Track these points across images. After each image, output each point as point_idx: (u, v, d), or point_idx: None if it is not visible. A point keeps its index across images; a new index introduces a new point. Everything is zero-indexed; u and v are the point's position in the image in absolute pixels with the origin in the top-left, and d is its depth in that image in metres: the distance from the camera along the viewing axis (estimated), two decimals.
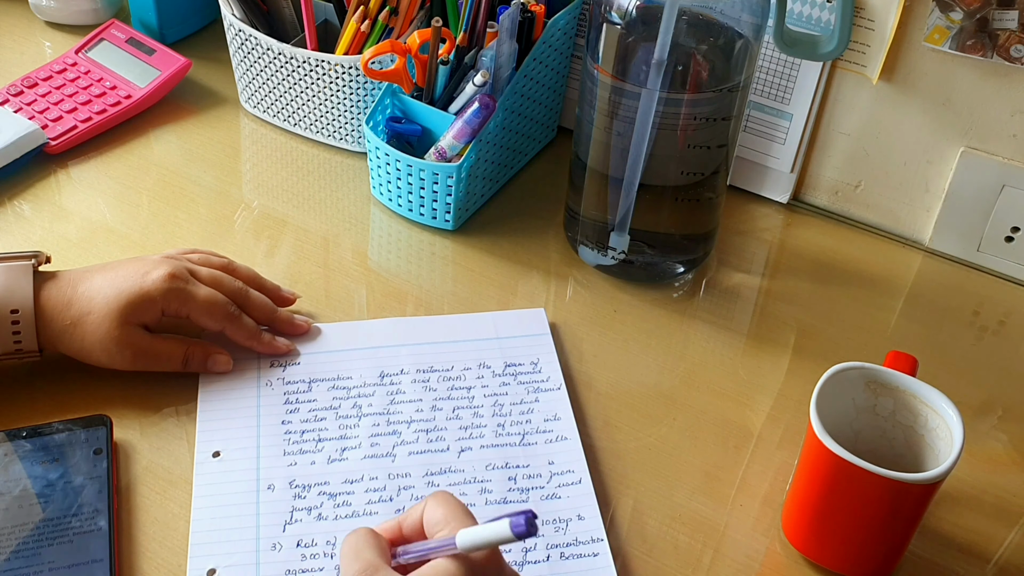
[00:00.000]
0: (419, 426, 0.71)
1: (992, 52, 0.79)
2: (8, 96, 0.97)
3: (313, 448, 0.69)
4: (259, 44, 0.93)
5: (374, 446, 0.69)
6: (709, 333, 0.81)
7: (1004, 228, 0.86)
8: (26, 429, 0.67)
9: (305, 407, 0.72)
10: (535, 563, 0.63)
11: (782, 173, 0.93)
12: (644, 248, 0.83)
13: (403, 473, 0.68)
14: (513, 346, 0.77)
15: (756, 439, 0.73)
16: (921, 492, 0.59)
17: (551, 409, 0.73)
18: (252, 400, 0.72)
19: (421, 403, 0.72)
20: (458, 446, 0.70)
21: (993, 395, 0.78)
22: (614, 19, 0.74)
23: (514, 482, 0.68)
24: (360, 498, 0.66)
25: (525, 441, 0.70)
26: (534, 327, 0.79)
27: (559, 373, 0.75)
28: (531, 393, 0.74)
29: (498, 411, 0.72)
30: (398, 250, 0.87)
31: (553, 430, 0.71)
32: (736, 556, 0.65)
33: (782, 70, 0.88)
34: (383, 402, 0.72)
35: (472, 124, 0.83)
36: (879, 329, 0.83)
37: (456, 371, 0.75)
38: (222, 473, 0.67)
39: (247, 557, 0.62)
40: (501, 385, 0.74)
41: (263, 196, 0.92)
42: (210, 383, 0.73)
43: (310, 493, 0.66)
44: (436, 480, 0.67)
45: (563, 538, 0.64)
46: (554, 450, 0.70)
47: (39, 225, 0.86)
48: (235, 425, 0.70)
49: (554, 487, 0.67)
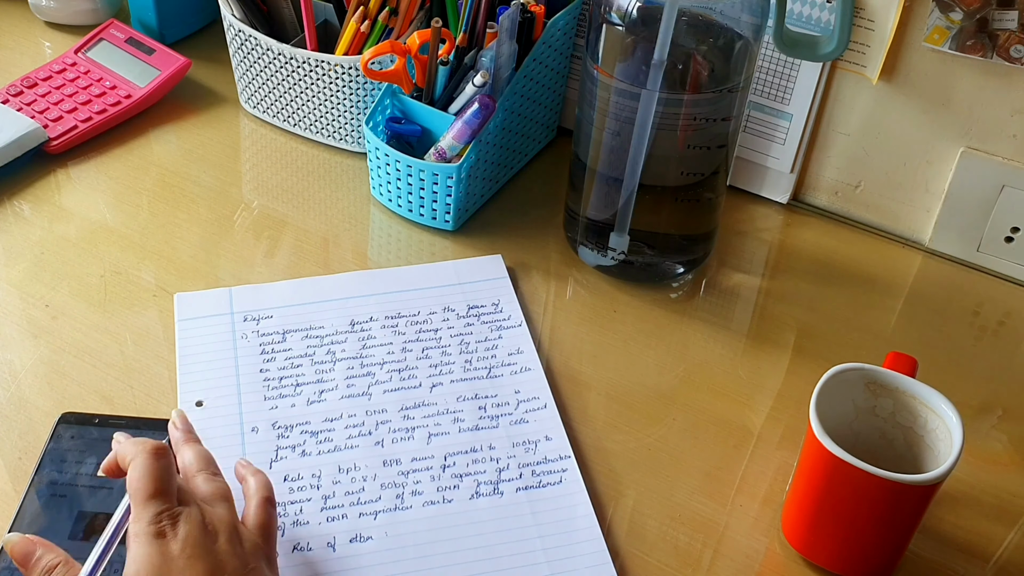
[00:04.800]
0: (391, 367, 0.75)
1: (992, 52, 0.79)
2: (8, 96, 0.97)
3: (292, 392, 0.73)
4: (259, 44, 0.93)
5: (350, 387, 0.74)
6: (709, 333, 0.81)
7: (1004, 228, 0.86)
8: (99, 416, 0.68)
9: (281, 356, 0.75)
10: (509, 480, 0.68)
11: (782, 173, 0.93)
12: (644, 248, 0.83)
13: (380, 409, 0.72)
14: (474, 290, 0.82)
15: (756, 439, 0.73)
16: (921, 493, 0.59)
17: (514, 344, 0.78)
18: (229, 352, 0.75)
19: (392, 346, 0.77)
20: (429, 382, 0.74)
21: (993, 395, 0.78)
22: (614, 19, 0.74)
23: (484, 411, 0.73)
24: (341, 434, 0.70)
25: (492, 374, 0.75)
26: (493, 271, 0.84)
27: (519, 312, 0.80)
28: (494, 331, 0.78)
29: (464, 349, 0.77)
30: (398, 250, 0.87)
31: (517, 363, 0.76)
32: (735, 556, 0.65)
33: (782, 70, 0.88)
34: (355, 347, 0.76)
35: (472, 125, 0.83)
36: (879, 329, 0.83)
37: (422, 315, 0.79)
38: (206, 419, 0.70)
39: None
40: (466, 326, 0.79)
41: (263, 196, 0.92)
42: (187, 338, 0.76)
43: (293, 432, 0.70)
44: (411, 413, 0.72)
45: (533, 457, 0.70)
46: (519, 380, 0.75)
47: (39, 225, 0.86)
48: (215, 376, 0.74)
49: (521, 413, 0.73)
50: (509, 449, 0.70)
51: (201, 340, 0.76)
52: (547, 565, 0.63)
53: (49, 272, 0.82)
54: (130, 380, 0.73)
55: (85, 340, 0.76)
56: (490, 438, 0.71)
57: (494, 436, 0.71)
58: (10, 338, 0.76)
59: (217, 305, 0.79)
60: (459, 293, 0.82)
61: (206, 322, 0.78)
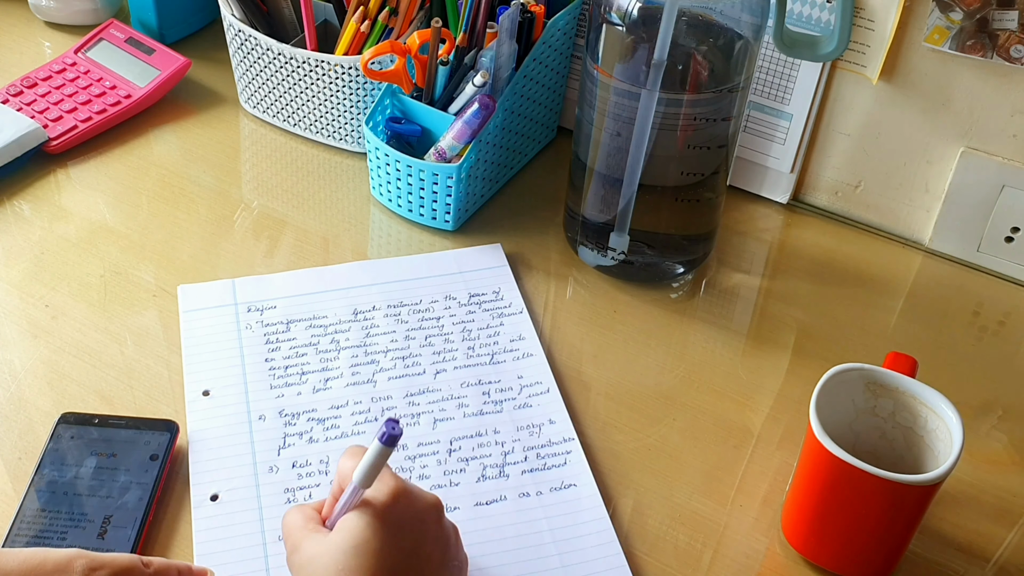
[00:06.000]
0: (395, 354, 0.76)
1: (992, 52, 0.79)
2: (8, 96, 0.97)
3: (298, 381, 0.74)
4: (259, 44, 0.93)
5: (355, 375, 0.74)
6: (709, 333, 0.81)
7: (1004, 228, 0.86)
8: (98, 417, 0.68)
9: (286, 345, 0.76)
10: (515, 464, 0.69)
11: (782, 173, 0.93)
12: (644, 248, 0.83)
13: (385, 396, 0.73)
14: (475, 278, 0.83)
15: (756, 439, 0.73)
16: (921, 493, 0.59)
17: (515, 331, 0.78)
18: (234, 342, 0.76)
19: (395, 334, 0.78)
20: (433, 369, 0.75)
21: (993, 395, 0.78)
22: (614, 20, 0.74)
23: (488, 396, 0.73)
24: (347, 420, 0.71)
25: (495, 360, 0.76)
26: (493, 260, 0.85)
27: (520, 299, 0.81)
28: (496, 318, 0.79)
29: (467, 336, 0.78)
30: (398, 251, 0.87)
31: (519, 348, 0.77)
32: (736, 556, 0.65)
33: (782, 70, 0.88)
34: (359, 336, 0.77)
35: (472, 125, 0.83)
36: (879, 329, 0.83)
37: (424, 304, 0.80)
38: (214, 409, 0.71)
39: (246, 480, 0.67)
40: (468, 313, 0.80)
41: (263, 196, 0.92)
42: (191, 328, 0.77)
43: (300, 420, 0.71)
44: (416, 399, 0.73)
45: (537, 440, 0.71)
46: (522, 366, 0.76)
47: (39, 225, 0.86)
48: (221, 366, 0.74)
49: (525, 397, 0.74)
50: (514, 433, 0.71)
51: (206, 331, 0.77)
52: (553, 545, 0.64)
53: (49, 272, 0.82)
54: (130, 380, 0.73)
55: (85, 340, 0.76)
56: (495, 422, 0.71)
57: (499, 420, 0.71)
58: (10, 338, 0.76)
59: (221, 296, 0.79)
60: (460, 282, 0.82)
61: (210, 313, 0.78)
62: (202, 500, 0.65)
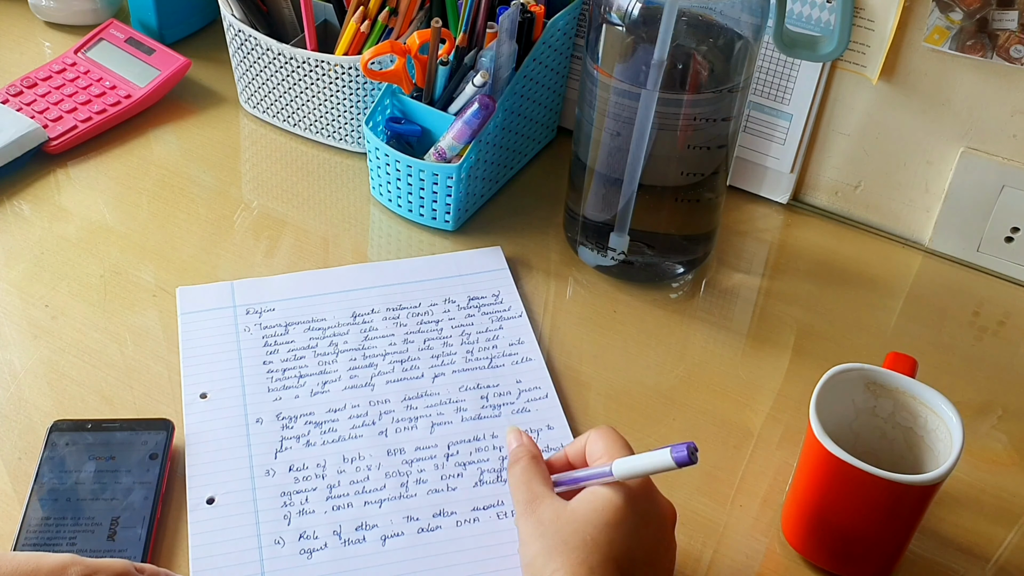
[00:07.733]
0: (393, 358, 0.76)
1: (992, 52, 0.79)
2: (8, 96, 0.97)
3: (296, 384, 0.73)
4: (259, 44, 0.93)
5: (353, 378, 0.74)
6: (709, 333, 0.81)
7: (1004, 228, 0.86)
8: (91, 421, 0.68)
9: (284, 348, 0.76)
10: None
11: (782, 173, 0.93)
12: (644, 249, 0.83)
13: (383, 399, 0.73)
14: (474, 281, 0.83)
15: (756, 439, 0.73)
16: (921, 493, 0.59)
17: (515, 335, 0.78)
18: (232, 345, 0.76)
19: (393, 338, 0.77)
20: (432, 372, 0.75)
21: (993, 395, 0.78)
22: (614, 20, 0.74)
23: (486, 400, 0.73)
24: (344, 424, 0.71)
25: (493, 364, 0.76)
26: (492, 263, 0.84)
27: (519, 303, 0.81)
28: (495, 322, 0.79)
29: (466, 340, 0.78)
30: (398, 251, 0.87)
31: (518, 353, 0.77)
32: (736, 556, 0.65)
33: (782, 70, 0.88)
34: (357, 339, 0.77)
35: (472, 125, 0.83)
36: (879, 329, 0.83)
37: (423, 307, 0.80)
38: (211, 411, 0.71)
39: (243, 483, 0.67)
40: (466, 317, 0.80)
41: (263, 196, 0.92)
42: (190, 330, 0.77)
43: (297, 423, 0.71)
44: (414, 403, 0.73)
45: None
46: (520, 370, 0.76)
47: (38, 225, 0.86)
48: (218, 368, 0.74)
49: (523, 402, 0.73)
50: None
51: (204, 333, 0.77)
52: None
53: (49, 272, 0.82)
54: (130, 380, 0.73)
55: (85, 340, 0.76)
56: (492, 427, 0.71)
57: (496, 425, 0.71)
58: (10, 338, 0.76)
59: (219, 298, 0.79)
60: (459, 285, 0.82)
61: (209, 315, 0.78)
62: (198, 503, 0.65)
